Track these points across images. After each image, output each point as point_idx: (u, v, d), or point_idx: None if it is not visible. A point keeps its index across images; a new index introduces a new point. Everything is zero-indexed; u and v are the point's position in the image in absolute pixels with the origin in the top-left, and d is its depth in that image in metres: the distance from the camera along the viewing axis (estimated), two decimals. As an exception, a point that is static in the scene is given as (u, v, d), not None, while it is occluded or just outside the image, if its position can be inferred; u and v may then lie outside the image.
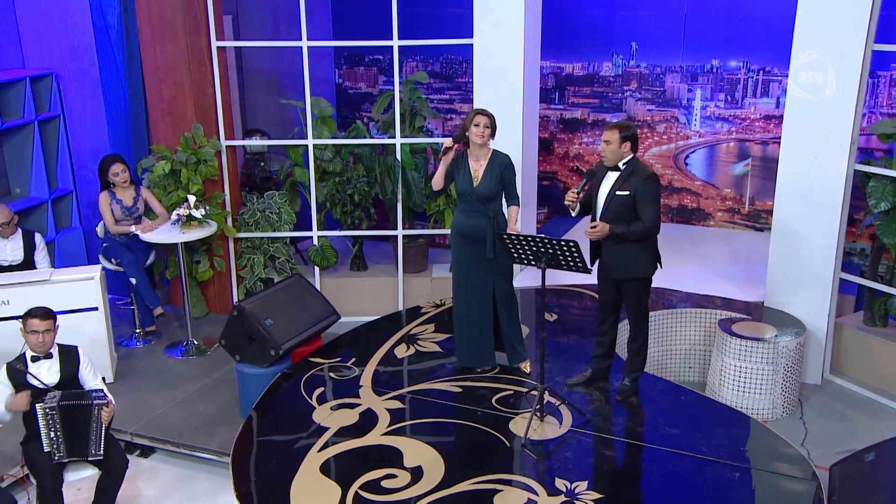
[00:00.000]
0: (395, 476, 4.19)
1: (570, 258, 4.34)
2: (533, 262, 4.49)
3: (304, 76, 7.06)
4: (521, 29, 6.46)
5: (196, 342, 6.59)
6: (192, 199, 6.32)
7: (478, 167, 5.01)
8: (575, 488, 4.05)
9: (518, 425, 4.63)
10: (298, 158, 7.35)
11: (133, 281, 6.39)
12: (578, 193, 4.67)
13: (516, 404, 4.85)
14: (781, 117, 7.44)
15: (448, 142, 5.02)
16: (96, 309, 5.88)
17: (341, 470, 4.27)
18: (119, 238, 6.45)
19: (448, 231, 7.26)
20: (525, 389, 4.97)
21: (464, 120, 5.08)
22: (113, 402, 4.54)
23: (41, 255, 6.26)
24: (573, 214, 4.83)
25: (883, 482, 3.91)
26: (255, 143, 7.63)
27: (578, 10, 7.89)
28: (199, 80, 6.85)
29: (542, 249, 4.38)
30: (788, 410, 5.70)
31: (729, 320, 5.83)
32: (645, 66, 7.98)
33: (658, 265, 4.76)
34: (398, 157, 7.14)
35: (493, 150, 5.07)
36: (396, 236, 7.42)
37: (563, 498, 3.98)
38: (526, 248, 4.44)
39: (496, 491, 4.05)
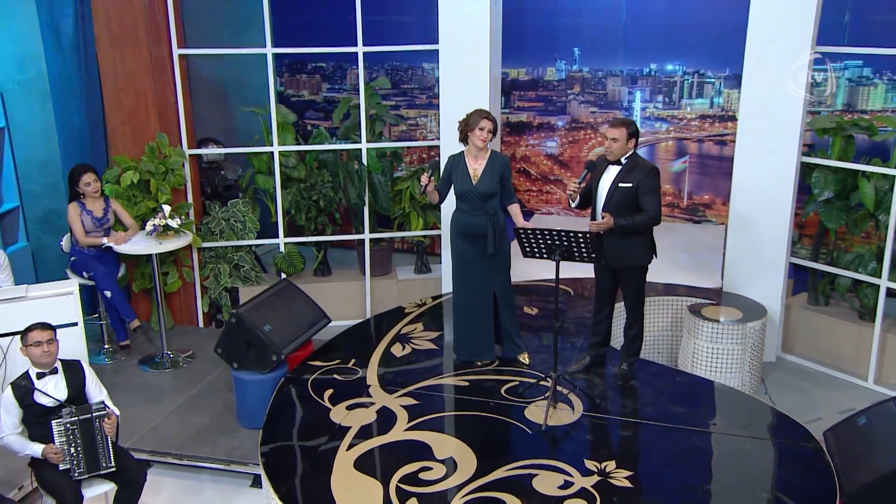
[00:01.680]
0: (430, 469, 4.25)
1: (584, 249, 4.52)
2: (546, 256, 4.64)
3: (270, 84, 7.02)
4: (486, 34, 6.61)
5: (171, 354, 6.40)
6: (167, 208, 6.16)
7: (477, 166, 5.13)
8: (605, 468, 4.22)
9: (533, 413, 4.76)
10: (262, 166, 7.25)
11: (108, 294, 6.14)
12: (580, 184, 4.87)
13: (525, 394, 4.97)
14: (715, 117, 7.98)
15: (424, 178, 5.11)
16: (76, 324, 5.62)
17: (375, 466, 4.30)
18: (88, 250, 6.19)
19: (416, 233, 7.40)
20: (533, 380, 5.09)
21: (465, 121, 5.16)
22: (117, 412, 4.41)
23: (4, 274, 5.93)
24: (572, 205, 5.02)
25: (878, 443, 4.25)
26: (220, 151, 7.48)
27: (523, 17, 8.10)
28: (161, 88, 6.67)
29: (557, 242, 4.53)
30: (754, 387, 6.07)
31: (697, 306, 6.16)
32: (587, 70, 8.29)
33: (654, 255, 5.01)
34: (364, 161, 7.15)
35: (492, 150, 5.19)
36: (362, 240, 7.43)
37: (596, 478, 4.13)
38: (541, 241, 4.59)
39: (532, 476, 4.17)
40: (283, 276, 7.28)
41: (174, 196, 6.73)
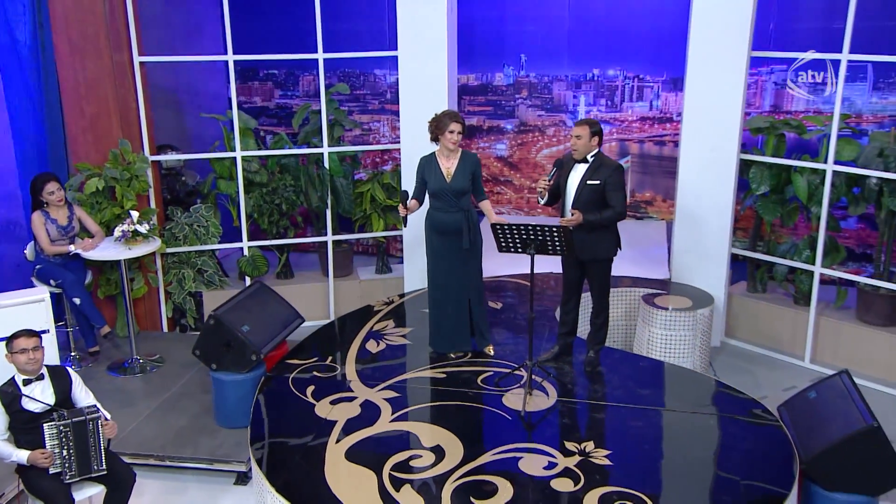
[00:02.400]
0: (419, 456, 4.32)
1: (557, 243, 4.67)
2: (521, 250, 4.77)
3: (231, 90, 6.97)
4: (444, 40, 6.73)
5: (140, 359, 6.29)
6: (135, 214, 6.06)
7: (449, 165, 5.24)
8: (585, 448, 4.37)
9: (510, 401, 4.88)
10: (224, 171, 7.19)
11: (77, 301, 6.00)
12: (549, 181, 5.02)
13: (501, 383, 5.09)
14: (654, 118, 8.27)
15: (402, 210, 5.22)
16: (47, 332, 5.46)
17: (367, 457, 4.34)
18: (54, 259, 6.04)
19: (379, 234, 7.45)
20: (507, 370, 5.21)
21: (435, 123, 5.24)
22: (107, 416, 4.35)
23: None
24: (541, 202, 5.17)
25: (829, 414, 4.52)
26: (184, 157, 7.39)
27: (472, 26, 8.24)
28: (123, 95, 6.56)
29: (532, 237, 4.67)
30: (703, 369, 6.33)
31: (651, 296, 6.39)
32: (534, 75, 8.49)
33: (619, 247, 5.20)
34: (326, 165, 7.17)
35: (462, 149, 5.31)
36: (323, 243, 7.44)
37: (577, 458, 4.28)
38: (516, 236, 4.71)
39: (518, 459, 4.29)
40: (248, 279, 7.24)
41: (136, 202, 6.61)
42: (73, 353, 6.34)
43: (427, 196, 5.40)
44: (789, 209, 6.75)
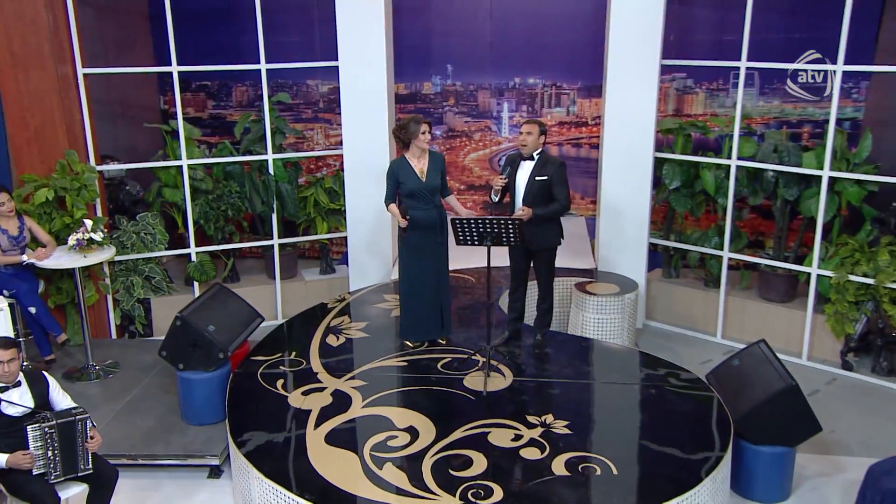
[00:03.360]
0: (395, 437, 4.47)
1: (511, 235, 4.91)
2: (478, 242, 4.99)
3: (176, 101, 6.89)
4: (383, 51, 6.88)
5: (96, 366, 6.16)
6: (88, 223, 5.94)
7: (421, 165, 5.41)
8: (546, 420, 4.62)
9: (471, 382, 5.09)
10: (169, 179, 7.11)
11: (32, 310, 5.84)
12: (506, 178, 5.28)
13: (460, 367, 5.29)
14: (571, 123, 8.67)
15: (403, 221, 5.38)
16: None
17: (345, 440, 4.46)
18: (6, 269, 5.85)
19: (324, 236, 7.52)
20: (464, 356, 5.41)
21: (404, 129, 5.40)
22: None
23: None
24: (494, 200, 5.40)
25: (751, 378, 4.94)
26: (131, 166, 7.26)
27: (400, 38, 8.40)
28: (69, 107, 6.41)
29: (489, 229, 4.89)
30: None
31: (582, 284, 6.73)
32: (460, 84, 8.74)
33: (562, 237, 5.49)
34: (271, 171, 7.20)
35: (429, 150, 5.49)
36: (268, 247, 7.46)
37: (540, 429, 4.53)
38: (474, 229, 4.92)
39: (486, 433, 4.50)
40: (196, 284, 7.18)
41: (87, 211, 6.47)
42: (25, 363, 6.12)
43: (399, 197, 5.52)
44: (698, 201, 7.24)
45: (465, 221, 4.94)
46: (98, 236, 5.89)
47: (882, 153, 6.76)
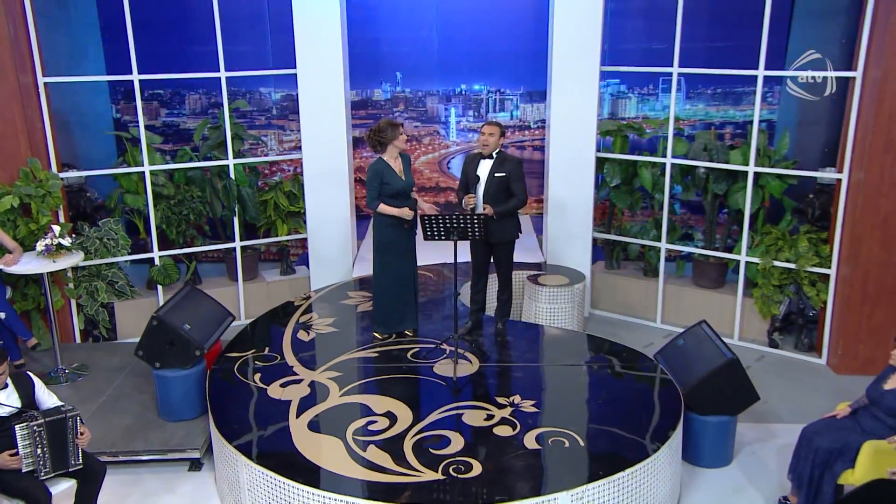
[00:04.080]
0: (375, 421, 4.61)
1: (476, 229, 5.10)
2: (444, 237, 5.16)
3: (138, 109, 6.85)
4: (340, 58, 7.00)
5: (66, 369, 6.08)
6: (56, 228, 5.87)
7: (399, 166, 5.57)
8: (514, 401, 4.83)
9: (440, 369, 5.27)
10: (131, 186, 7.05)
11: (2, 315, 5.75)
12: (474, 197, 5.54)
13: (429, 356, 5.46)
14: (515, 126, 8.94)
15: (409, 213, 5.57)
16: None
17: (328, 426, 4.57)
18: (-28, 276, 5.74)
19: (285, 238, 7.57)
20: (432, 346, 5.58)
21: (381, 133, 5.52)
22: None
23: None
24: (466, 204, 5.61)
25: (695, 356, 5.27)
26: (93, 173, 7.16)
27: (351, 47, 8.52)
28: (30, 115, 6.31)
29: (455, 225, 5.07)
30: (580, 336, 7.02)
31: (534, 276, 6.99)
32: (409, 91, 8.92)
33: (520, 231, 5.73)
34: (232, 175, 7.21)
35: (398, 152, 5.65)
36: (229, 250, 7.47)
37: (510, 409, 4.74)
38: (441, 225, 5.10)
39: (460, 414, 4.68)
40: (160, 287, 7.14)
41: (52, 218, 6.37)
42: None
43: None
44: (636, 197, 7.60)
45: (433, 218, 5.11)
46: (66, 241, 5.82)
47: (797, 150, 7.26)
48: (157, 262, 7.08)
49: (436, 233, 5.16)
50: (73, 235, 6.55)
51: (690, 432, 5.00)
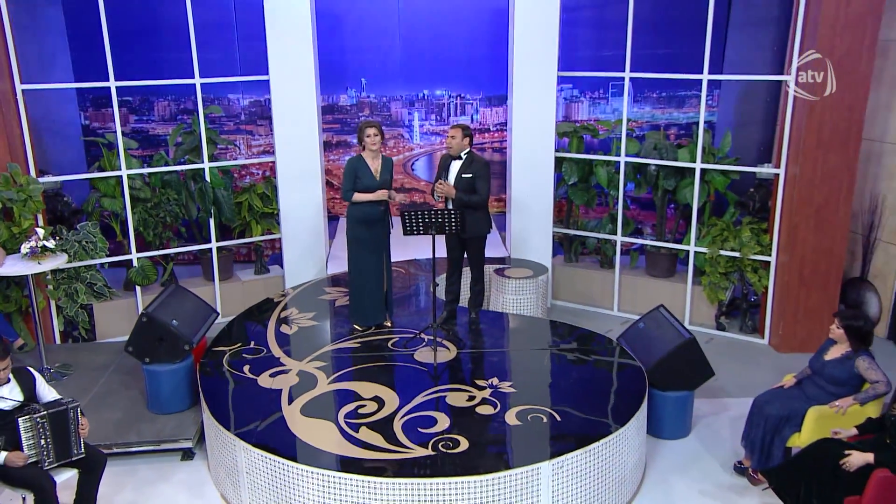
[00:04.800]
0: (364, 405, 4.77)
1: (453, 224, 5.31)
2: (422, 231, 5.35)
3: (115, 114, 6.85)
4: (311, 64, 7.12)
5: (51, 369, 6.07)
6: (40, 231, 5.86)
7: (376, 166, 5.72)
8: (492, 383, 5.05)
9: (421, 356, 5.45)
10: (109, 190, 7.05)
11: (-13, 318, 5.70)
12: (443, 183, 5.68)
13: (409, 345, 5.64)
14: (475, 129, 9.16)
15: (395, 196, 5.76)
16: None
17: (319, 411, 4.71)
18: (-44, 280, 5.69)
19: (260, 238, 7.64)
20: (411, 335, 5.76)
21: (358, 132, 5.75)
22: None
23: None
24: (437, 199, 5.80)
25: (654, 337, 5.57)
26: (71, 177, 7.10)
27: (318, 53, 8.67)
28: (9, 122, 6.27)
29: (434, 219, 5.27)
30: (544, 324, 7.28)
31: (500, 269, 7.22)
32: (373, 96, 9.08)
33: (491, 227, 5.96)
34: (207, 178, 7.27)
35: (382, 154, 5.80)
36: (205, 251, 7.52)
37: (489, 390, 4.95)
38: (420, 220, 5.29)
39: (444, 397, 4.88)
40: (138, 288, 7.15)
41: (34, 221, 6.34)
42: None
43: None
44: (592, 194, 7.92)
45: (413, 213, 5.29)
46: (51, 244, 5.82)
47: (736, 148, 7.68)
48: (135, 263, 7.09)
49: (415, 227, 5.35)
50: (57, 238, 6.54)
51: (653, 407, 5.29)
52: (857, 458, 4.09)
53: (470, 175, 5.74)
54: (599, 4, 8.50)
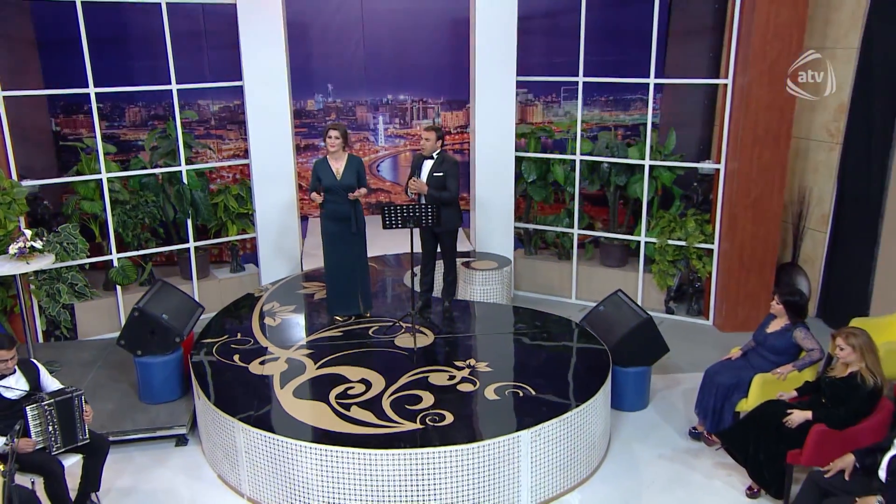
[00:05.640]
0: (353, 387, 4.98)
1: (430, 218, 5.56)
2: (400, 225, 5.59)
3: (94, 120, 6.88)
4: (283, 70, 7.28)
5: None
6: (28, 232, 5.89)
7: (338, 166, 5.90)
8: (470, 363, 5.32)
9: (401, 342, 5.68)
10: (88, 192, 7.08)
11: (-23, 317, 5.70)
12: (416, 179, 5.92)
13: (389, 332, 5.87)
14: (438, 132, 9.39)
15: (318, 197, 5.94)
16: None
17: (311, 393, 4.90)
18: (-56, 281, 5.68)
19: (236, 237, 7.75)
20: (389, 324, 5.98)
21: (323, 134, 5.91)
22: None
23: None
24: (410, 195, 6.04)
25: (614, 318, 5.92)
26: (54, 181, 7.11)
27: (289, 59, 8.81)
28: (-10, 127, 6.27)
29: (411, 214, 5.51)
30: (508, 313, 7.58)
31: (467, 262, 7.49)
32: (340, 101, 9.26)
33: (461, 221, 6.23)
34: (185, 181, 7.35)
35: (349, 153, 5.99)
36: (183, 250, 7.59)
37: (468, 370, 5.22)
38: (398, 214, 5.52)
39: (426, 377, 5.12)
40: (118, 288, 7.19)
41: (18, 224, 6.36)
42: None
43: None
44: (550, 191, 8.27)
45: (391, 208, 5.52)
46: (39, 244, 5.86)
47: (678, 146, 8.13)
48: (115, 264, 7.13)
49: (394, 221, 5.58)
50: (43, 239, 6.55)
51: (615, 382, 5.63)
52: (797, 416, 4.50)
53: (441, 174, 6.01)
54: (550, 14, 8.86)
